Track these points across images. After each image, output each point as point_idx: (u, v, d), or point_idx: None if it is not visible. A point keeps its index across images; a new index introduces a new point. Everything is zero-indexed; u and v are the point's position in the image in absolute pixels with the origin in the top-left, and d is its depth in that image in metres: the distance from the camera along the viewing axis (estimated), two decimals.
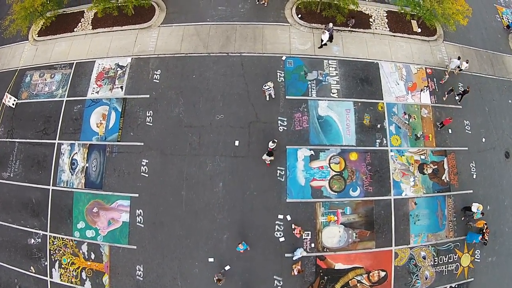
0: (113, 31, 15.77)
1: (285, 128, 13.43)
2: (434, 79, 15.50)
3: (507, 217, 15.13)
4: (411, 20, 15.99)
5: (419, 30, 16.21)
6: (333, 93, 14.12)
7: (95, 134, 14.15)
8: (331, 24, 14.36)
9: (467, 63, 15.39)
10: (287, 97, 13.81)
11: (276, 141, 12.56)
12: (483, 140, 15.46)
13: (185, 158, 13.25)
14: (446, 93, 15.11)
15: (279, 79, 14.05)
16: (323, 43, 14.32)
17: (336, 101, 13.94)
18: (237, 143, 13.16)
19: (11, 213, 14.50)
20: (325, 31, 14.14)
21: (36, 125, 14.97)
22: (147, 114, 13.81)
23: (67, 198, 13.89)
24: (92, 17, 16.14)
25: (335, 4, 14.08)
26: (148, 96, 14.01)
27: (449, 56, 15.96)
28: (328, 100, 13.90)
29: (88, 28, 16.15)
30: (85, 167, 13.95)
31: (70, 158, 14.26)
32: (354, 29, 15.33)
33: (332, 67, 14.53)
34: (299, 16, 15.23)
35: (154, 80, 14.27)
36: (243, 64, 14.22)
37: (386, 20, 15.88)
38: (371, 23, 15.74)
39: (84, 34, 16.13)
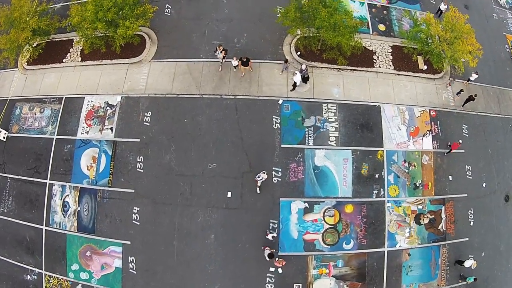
0: (102, 64, 14.25)
1: (280, 179, 12.35)
2: (438, 122, 14.23)
3: (502, 262, 14.40)
4: (418, 56, 14.24)
5: (425, 67, 14.49)
6: (331, 141, 12.88)
7: (86, 177, 13.22)
8: (304, 66, 12.82)
9: (476, 74, 14.13)
10: (282, 145, 12.61)
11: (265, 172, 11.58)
12: (484, 185, 14.35)
13: (177, 208, 12.37)
14: (456, 94, 13.96)
15: (275, 126, 12.73)
16: (296, 85, 12.75)
17: (334, 150, 12.74)
18: (229, 194, 12.18)
19: (7, 248, 13.93)
20: (297, 72, 12.56)
21: (27, 162, 14.07)
22: (138, 160, 12.78)
23: (60, 239, 13.26)
24: (81, 48, 14.46)
25: (336, 45, 12.43)
26: (138, 140, 12.85)
27: (454, 95, 14.46)
28: (325, 149, 12.69)
29: (77, 60, 14.58)
30: (77, 210, 13.14)
31: (62, 200, 13.46)
32: (356, 68, 13.75)
33: (332, 112, 13.18)
34: (298, 53, 13.65)
35: (145, 123, 13.05)
36: (237, 108, 12.89)
37: (391, 57, 14.17)
38: (374, 61, 14.07)
39: (73, 66, 14.63)
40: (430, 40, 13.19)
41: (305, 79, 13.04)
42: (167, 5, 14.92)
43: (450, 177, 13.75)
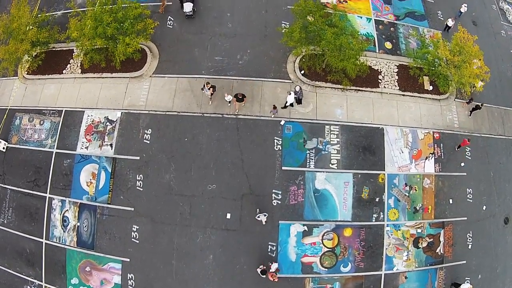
0: (102, 77, 13.71)
1: (279, 202, 12.02)
2: (441, 144, 13.74)
3: (498, 285, 14.11)
4: (424, 76, 13.58)
5: (431, 88, 13.90)
6: (332, 164, 12.49)
7: (86, 193, 12.90)
8: (298, 87, 12.24)
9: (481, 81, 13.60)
10: (283, 168, 12.19)
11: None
12: (484, 208, 14.01)
13: (176, 228, 12.06)
14: (466, 102, 13.69)
15: (276, 147, 12.32)
16: (287, 104, 12.30)
17: (335, 173, 12.33)
18: (228, 216, 11.85)
19: (7, 258, 13.74)
20: (291, 92, 12.05)
21: (26, 174, 13.71)
22: (137, 178, 12.40)
23: (60, 253, 13.03)
24: (82, 59, 13.93)
25: (341, 68, 11.80)
26: (138, 158, 12.46)
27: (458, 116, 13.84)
28: (326, 172, 12.31)
29: (77, 72, 14.03)
30: (76, 226, 12.89)
31: (62, 215, 13.18)
32: (361, 88, 13.18)
33: (334, 134, 12.70)
34: (302, 72, 13.06)
35: (145, 141, 12.61)
36: (238, 129, 12.42)
37: (397, 77, 13.56)
38: (380, 81, 13.50)
39: (73, 77, 14.09)
40: (437, 61, 12.68)
41: (299, 100, 12.50)
42: (169, 17, 14.29)
43: (451, 201, 13.43)
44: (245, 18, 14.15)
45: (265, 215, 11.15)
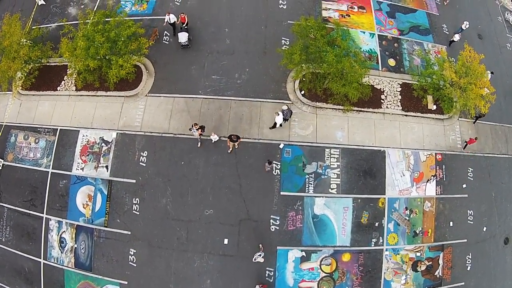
0: (97, 95, 12.98)
1: (277, 228, 11.50)
2: (444, 166, 13.14)
3: None
4: (427, 96, 12.74)
5: (434, 107, 13.23)
6: (332, 189, 11.89)
7: (82, 215, 12.43)
8: (285, 106, 11.53)
9: (492, 73, 13.16)
10: (281, 193, 11.62)
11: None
12: (484, 229, 13.49)
13: (173, 253, 11.59)
14: (473, 122, 13.17)
15: (275, 172, 11.71)
16: (276, 126, 11.64)
17: (335, 198, 11.76)
18: (226, 241, 11.36)
19: (6, 276, 13.36)
20: (279, 112, 11.31)
21: (23, 194, 13.19)
22: (134, 202, 11.89)
23: (58, 274, 12.61)
24: (75, 79, 13.16)
25: (342, 92, 10.96)
26: (134, 181, 11.89)
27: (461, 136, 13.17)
28: (326, 197, 11.78)
29: (72, 89, 13.28)
30: (74, 247, 12.48)
31: (59, 236, 12.76)
32: (363, 109, 12.44)
33: (334, 157, 12.08)
34: (302, 92, 12.34)
35: (141, 163, 12.03)
36: (236, 152, 11.75)
37: (400, 97, 12.82)
38: (382, 101, 12.76)
39: (67, 95, 13.35)
40: (442, 83, 11.98)
41: (286, 120, 11.79)
42: (165, 32, 13.46)
43: (451, 223, 12.91)
44: (243, 33, 13.30)
45: (260, 255, 10.63)
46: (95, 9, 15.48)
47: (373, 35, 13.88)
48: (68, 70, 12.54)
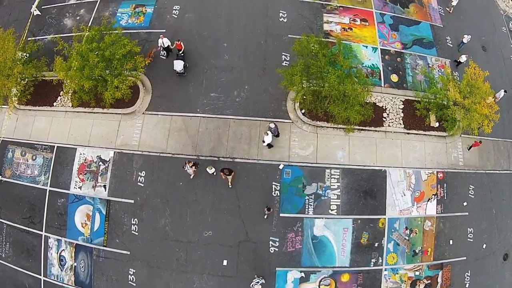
0: (94, 112, 12.51)
1: (277, 249, 11.16)
2: (445, 184, 12.79)
3: None
4: (430, 115, 12.30)
5: (437, 125, 12.70)
6: (332, 210, 11.52)
7: (81, 235, 12.09)
8: (273, 124, 11.04)
9: (505, 92, 12.85)
10: (281, 214, 11.27)
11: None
12: (484, 246, 13.16)
13: (172, 273, 11.29)
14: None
15: (274, 193, 11.30)
16: (264, 144, 11.13)
17: (334, 219, 11.43)
18: (225, 262, 11.07)
19: None
20: (268, 132, 10.83)
21: (21, 211, 12.85)
22: (132, 222, 11.55)
23: None
24: (71, 98, 12.59)
25: (344, 116, 10.35)
26: (132, 201, 11.54)
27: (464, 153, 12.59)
28: (326, 218, 11.44)
29: (68, 105, 12.77)
30: (73, 266, 12.25)
31: (58, 254, 12.44)
32: (364, 128, 11.95)
33: (334, 178, 11.67)
34: (303, 111, 11.82)
35: (139, 183, 11.62)
36: (235, 172, 11.49)
37: (402, 115, 12.30)
38: (384, 119, 12.27)
39: (64, 111, 12.85)
40: (445, 102, 11.50)
41: (276, 136, 11.41)
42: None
43: (451, 241, 12.57)
44: (242, 48, 12.71)
45: (258, 282, 10.35)
46: (91, 20, 14.92)
47: (375, 50, 13.26)
48: (63, 88, 11.99)
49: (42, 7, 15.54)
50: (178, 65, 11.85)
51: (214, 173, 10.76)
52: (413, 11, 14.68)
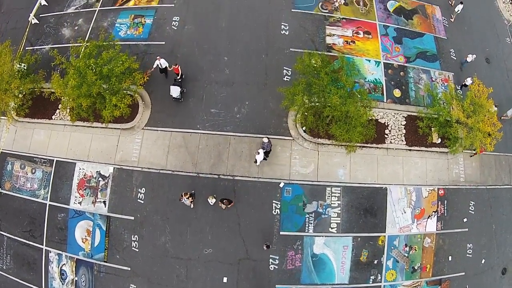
0: (93, 126, 12.16)
1: (276, 267, 11.01)
2: (445, 201, 12.57)
3: None
4: (433, 134, 11.98)
5: (439, 141, 12.41)
6: (332, 228, 11.32)
7: (82, 250, 11.91)
8: (266, 139, 10.56)
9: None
10: (281, 233, 11.07)
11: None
12: (483, 261, 13.08)
13: None
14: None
15: (274, 212, 11.09)
16: (257, 163, 10.88)
17: (334, 237, 11.27)
18: (225, 279, 10.93)
19: None
20: (260, 151, 10.43)
21: (22, 224, 12.67)
22: (133, 239, 11.35)
23: None
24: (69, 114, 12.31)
25: (346, 137, 10.01)
26: (132, 218, 11.33)
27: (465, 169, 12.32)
28: (325, 236, 11.29)
29: (67, 118, 12.40)
30: (74, 280, 12.08)
31: (59, 268, 12.28)
32: (366, 145, 11.61)
33: (335, 196, 11.42)
34: (304, 128, 11.50)
35: (139, 200, 11.39)
36: (235, 191, 11.13)
37: (404, 131, 12.01)
38: (386, 136, 11.95)
39: (63, 124, 12.52)
40: (448, 122, 11.14)
41: (267, 153, 11.05)
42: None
43: (450, 257, 12.39)
44: (243, 62, 12.32)
45: None
46: (89, 30, 14.50)
47: (378, 64, 12.84)
48: (61, 103, 11.62)
49: (40, 15, 15.09)
50: (175, 91, 11.35)
51: (213, 203, 10.38)
52: (417, 23, 14.26)
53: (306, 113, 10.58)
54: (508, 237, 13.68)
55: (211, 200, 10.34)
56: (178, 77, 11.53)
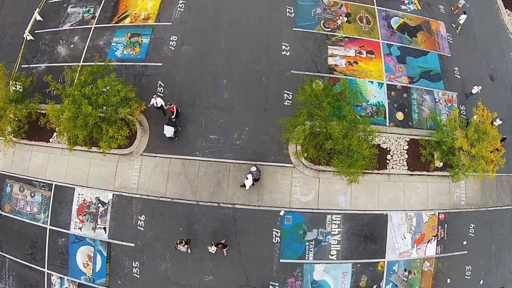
0: (91, 151, 11.79)
1: None
2: (446, 225, 12.31)
3: None
4: (435, 160, 11.58)
5: (441, 165, 12.07)
6: (332, 255, 11.07)
7: (83, 274, 11.72)
8: (254, 168, 10.36)
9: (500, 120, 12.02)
10: (281, 260, 10.84)
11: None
12: (481, 282, 12.97)
13: None
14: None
15: (275, 240, 10.84)
16: (246, 188, 10.50)
17: (334, 264, 11.10)
18: None
19: None
20: (248, 176, 10.16)
21: (23, 246, 12.46)
22: (134, 265, 11.14)
23: None
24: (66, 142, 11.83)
25: (348, 172, 9.63)
26: (133, 245, 11.09)
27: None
28: (325, 263, 11.11)
29: (64, 142, 11.97)
30: None
31: None
32: (367, 171, 11.23)
33: (336, 224, 11.13)
34: (305, 155, 10.98)
35: (139, 227, 11.14)
36: (235, 219, 10.87)
37: (406, 156, 11.61)
38: (388, 161, 11.58)
39: (60, 148, 12.13)
40: (451, 150, 10.70)
41: (256, 180, 10.74)
42: (159, 82, 11.93)
43: (448, 280, 12.29)
44: (243, 86, 11.80)
45: None
46: (85, 49, 13.84)
47: (381, 85, 12.31)
48: (57, 131, 11.12)
49: (35, 31, 14.43)
50: (168, 131, 10.85)
51: (215, 252, 10.01)
52: (421, 40, 13.62)
53: (307, 146, 10.16)
54: (507, 257, 13.51)
55: (211, 249, 10.02)
56: (173, 116, 11.00)
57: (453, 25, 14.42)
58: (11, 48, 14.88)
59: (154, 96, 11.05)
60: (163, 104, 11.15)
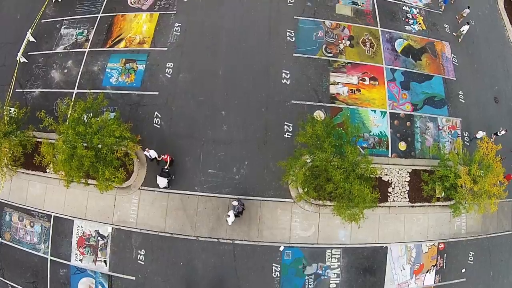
0: (88, 183, 11.25)
1: None
2: (445, 255, 12.03)
3: None
4: (436, 194, 11.27)
5: (443, 195, 11.63)
6: None
7: None
8: (235, 202, 10.00)
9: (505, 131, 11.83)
10: None
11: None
12: None
13: None
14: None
15: (274, 274, 10.58)
16: (228, 223, 10.15)
17: None
18: None
19: None
20: (230, 213, 9.85)
21: (25, 275, 12.22)
22: None
23: None
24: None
25: (348, 216, 9.19)
26: (134, 278, 10.85)
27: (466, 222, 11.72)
28: None
29: (62, 173, 11.83)
30: None
31: None
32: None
33: (335, 258, 10.87)
34: (306, 190, 10.61)
35: (139, 261, 10.86)
36: (235, 255, 10.56)
37: (408, 188, 11.21)
38: (389, 194, 11.18)
39: (58, 179, 11.65)
40: (453, 187, 10.25)
41: (240, 213, 10.39)
42: (156, 113, 11.43)
43: None
44: (242, 118, 11.26)
45: None
46: (79, 75, 13.25)
47: (384, 114, 11.76)
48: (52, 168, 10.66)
49: (29, 53, 13.69)
50: (161, 182, 10.41)
51: None
52: (426, 64, 12.90)
53: (307, 188, 9.75)
54: (505, 282, 13.33)
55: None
56: (167, 166, 10.44)
57: (454, 34, 13.74)
58: (4, 70, 14.10)
59: (147, 149, 10.48)
60: (157, 157, 10.62)
